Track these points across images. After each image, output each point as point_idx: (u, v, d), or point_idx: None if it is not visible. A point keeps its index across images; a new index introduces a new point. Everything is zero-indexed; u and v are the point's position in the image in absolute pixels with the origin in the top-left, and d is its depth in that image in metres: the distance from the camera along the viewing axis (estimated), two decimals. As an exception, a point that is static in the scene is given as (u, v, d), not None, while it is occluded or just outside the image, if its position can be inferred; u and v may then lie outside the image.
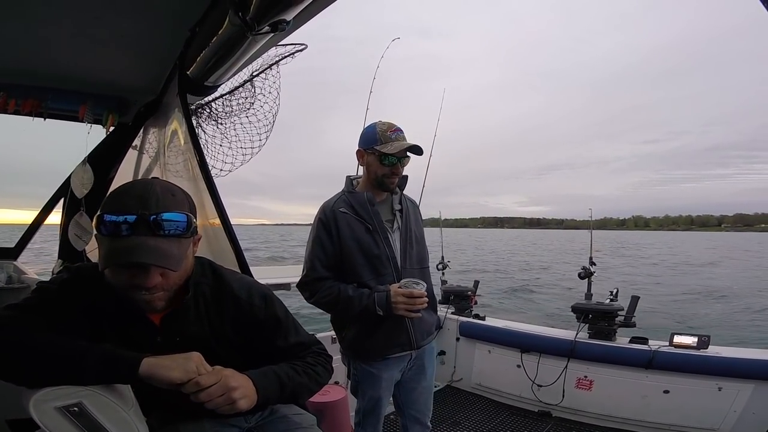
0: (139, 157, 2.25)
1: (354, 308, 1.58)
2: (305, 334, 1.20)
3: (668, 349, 2.71)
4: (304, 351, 1.16)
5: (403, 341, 1.67)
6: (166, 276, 0.95)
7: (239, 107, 2.20)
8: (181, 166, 1.87)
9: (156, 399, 1.07)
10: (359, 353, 1.71)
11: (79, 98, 1.92)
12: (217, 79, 1.48)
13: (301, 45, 1.97)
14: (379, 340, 1.64)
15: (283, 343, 1.13)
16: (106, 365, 0.87)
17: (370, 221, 1.64)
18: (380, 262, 1.63)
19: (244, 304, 1.09)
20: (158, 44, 1.53)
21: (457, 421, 2.93)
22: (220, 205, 1.41)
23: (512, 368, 3.19)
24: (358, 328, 1.67)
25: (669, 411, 2.63)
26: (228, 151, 2.23)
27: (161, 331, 1.02)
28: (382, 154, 1.60)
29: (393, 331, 1.65)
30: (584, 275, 3.46)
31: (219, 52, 1.23)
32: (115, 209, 0.89)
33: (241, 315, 1.09)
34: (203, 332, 1.05)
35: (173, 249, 0.92)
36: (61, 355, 0.85)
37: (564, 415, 2.96)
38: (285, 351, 1.13)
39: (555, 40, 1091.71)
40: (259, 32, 1.03)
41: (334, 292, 1.60)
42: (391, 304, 1.55)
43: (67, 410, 0.80)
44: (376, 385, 1.69)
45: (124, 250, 0.88)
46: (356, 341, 1.69)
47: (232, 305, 1.08)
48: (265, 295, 1.14)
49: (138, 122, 2.09)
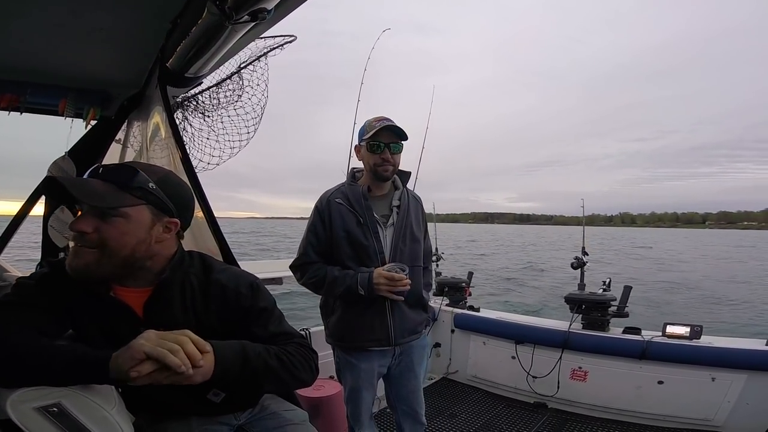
0: (123, 151, 2.20)
1: (338, 287, 1.63)
2: (289, 327, 1.17)
3: (661, 340, 2.72)
4: (285, 341, 1.11)
5: (380, 336, 1.69)
6: (100, 231, 0.92)
7: (226, 100, 2.15)
8: (165, 160, 1.82)
9: (144, 398, 1.07)
10: (340, 341, 1.74)
11: (59, 92, 1.86)
12: (198, 70, 1.43)
13: (290, 36, 1.92)
14: (358, 330, 1.68)
15: (264, 332, 1.09)
16: (75, 367, 0.84)
17: (362, 214, 1.67)
18: (367, 255, 1.66)
19: (230, 292, 1.06)
20: (140, 37, 1.49)
21: (454, 413, 2.93)
22: (203, 198, 1.38)
23: (507, 360, 3.19)
24: (340, 315, 1.71)
25: (663, 402, 2.64)
26: (215, 144, 2.18)
27: (144, 321, 0.98)
28: (369, 143, 1.65)
29: (373, 325, 1.68)
30: (577, 265, 3.45)
31: (198, 42, 1.19)
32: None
33: (227, 303, 1.06)
34: (188, 322, 1.02)
35: (106, 191, 0.92)
36: (32, 356, 0.83)
37: (559, 406, 2.96)
38: (265, 341, 1.08)
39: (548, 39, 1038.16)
40: (239, 21, 0.99)
41: (320, 273, 1.65)
42: (373, 285, 1.59)
43: (47, 410, 0.79)
44: (355, 375, 1.72)
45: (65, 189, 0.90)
46: (337, 328, 1.73)
47: (219, 294, 1.06)
48: (252, 284, 1.11)
49: (121, 116, 2.04)
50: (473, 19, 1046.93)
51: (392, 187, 1.80)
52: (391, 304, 1.67)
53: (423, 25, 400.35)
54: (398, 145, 1.67)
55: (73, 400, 0.82)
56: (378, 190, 1.74)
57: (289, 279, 2.95)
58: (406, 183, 1.83)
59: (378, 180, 1.71)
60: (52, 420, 0.79)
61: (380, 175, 1.68)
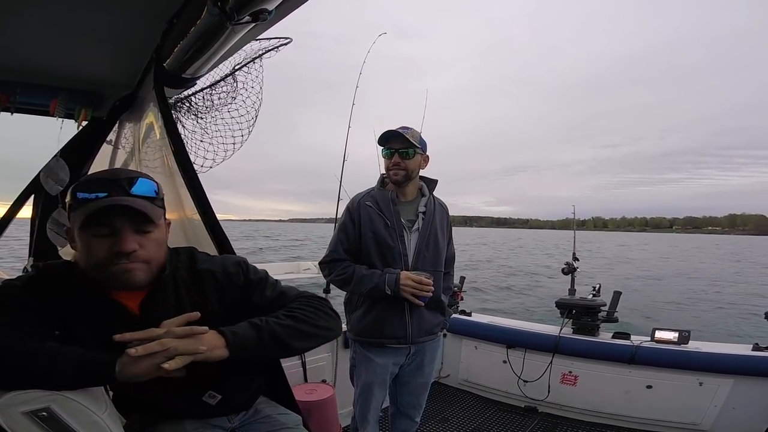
0: (114, 152, 2.17)
1: (365, 285, 1.73)
2: (287, 288, 1.17)
3: (650, 345, 2.75)
4: (287, 302, 1.12)
5: (399, 334, 1.77)
6: (144, 246, 0.95)
7: (220, 101, 2.13)
8: (158, 161, 1.80)
9: (135, 400, 1.06)
10: (360, 335, 1.82)
11: (50, 92, 1.83)
12: (196, 71, 1.42)
13: (285, 39, 1.92)
14: (379, 327, 1.77)
15: (263, 300, 1.11)
16: (80, 369, 0.84)
17: (389, 218, 1.78)
18: (392, 256, 1.76)
19: (220, 275, 1.08)
20: (134, 37, 1.47)
21: (446, 417, 2.93)
22: (202, 199, 1.36)
23: (498, 364, 3.20)
24: (363, 312, 1.81)
25: (652, 406, 2.67)
26: (209, 146, 2.16)
27: (141, 319, 0.98)
28: (383, 150, 1.82)
29: (393, 323, 1.77)
30: (567, 271, 3.48)
31: (197, 43, 1.18)
32: (87, 188, 0.92)
33: (221, 286, 1.08)
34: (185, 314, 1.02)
35: (147, 205, 0.94)
36: (30, 358, 0.82)
37: (550, 410, 2.98)
38: (268, 307, 1.09)
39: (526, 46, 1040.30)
40: (239, 22, 0.98)
41: (349, 270, 1.76)
42: (399, 286, 1.68)
43: (36, 415, 0.77)
44: (370, 370, 1.80)
45: (102, 209, 0.89)
46: (360, 324, 1.81)
47: (211, 280, 1.07)
48: (240, 262, 1.14)
49: (113, 116, 2.01)
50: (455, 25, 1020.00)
51: (419, 193, 1.90)
52: (410, 305, 1.75)
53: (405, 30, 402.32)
54: (407, 151, 1.76)
55: (62, 404, 0.81)
56: (403, 195, 1.85)
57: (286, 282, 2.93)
58: (433, 190, 1.92)
59: (393, 184, 1.82)
60: (41, 425, 0.78)
61: (392, 179, 1.81)
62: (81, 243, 0.92)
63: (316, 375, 2.75)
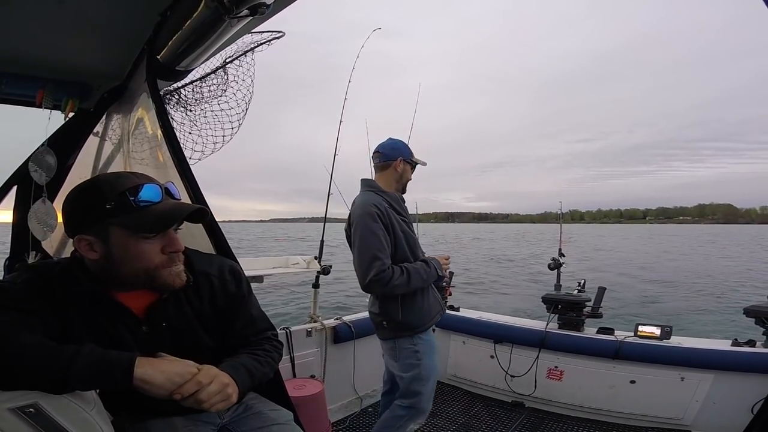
0: (101, 144, 2.12)
1: (428, 277, 1.97)
2: (264, 316, 1.26)
3: (633, 340, 2.80)
4: (261, 333, 1.20)
5: (437, 308, 2.11)
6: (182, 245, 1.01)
7: (210, 94, 2.10)
8: (147, 153, 1.77)
9: (125, 397, 1.05)
10: (419, 326, 1.98)
11: (37, 83, 1.78)
12: (190, 63, 1.40)
13: (278, 32, 1.90)
14: (428, 311, 2.03)
15: (247, 315, 1.18)
16: (98, 370, 0.83)
17: (406, 216, 2.06)
18: (417, 248, 2.05)
19: (215, 280, 1.11)
20: (125, 28, 1.44)
21: (434, 412, 2.95)
22: (197, 193, 1.34)
23: (486, 359, 3.23)
24: (413, 305, 1.97)
25: (636, 401, 2.72)
26: (198, 138, 2.13)
27: (145, 321, 1.00)
28: (415, 163, 2.15)
29: (432, 303, 2.06)
30: (554, 266, 3.53)
31: (193, 35, 1.16)
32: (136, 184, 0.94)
33: (215, 291, 1.11)
34: (186, 316, 1.06)
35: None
36: (46, 358, 0.80)
37: (537, 405, 3.03)
38: (245, 327, 1.17)
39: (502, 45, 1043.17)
40: (237, 15, 0.97)
41: (403, 273, 1.88)
42: (441, 268, 2.05)
43: (23, 411, 0.76)
44: (432, 352, 2.04)
45: (173, 212, 0.96)
46: (414, 317, 1.97)
47: (206, 283, 1.10)
48: (235, 270, 1.18)
49: (100, 108, 1.97)
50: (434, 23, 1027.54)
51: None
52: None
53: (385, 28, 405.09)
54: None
55: (50, 401, 0.79)
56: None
57: (270, 278, 2.93)
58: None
59: (402, 191, 2.15)
60: (28, 421, 0.76)
61: (405, 188, 2.16)
62: (130, 246, 0.93)
63: (304, 370, 2.75)
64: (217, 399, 0.92)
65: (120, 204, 0.92)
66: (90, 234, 0.93)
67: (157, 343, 1.00)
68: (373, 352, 3.24)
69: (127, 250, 0.93)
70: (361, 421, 2.83)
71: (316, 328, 2.91)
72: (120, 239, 0.93)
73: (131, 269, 0.95)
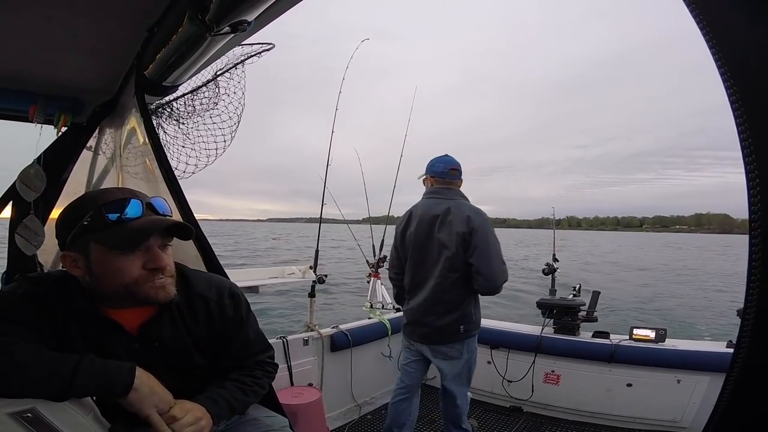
0: (94, 158, 2.14)
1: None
2: (261, 337, 1.25)
3: (629, 343, 2.80)
4: (255, 356, 1.21)
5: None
6: (169, 262, 1.01)
7: (202, 107, 2.12)
8: (140, 167, 1.79)
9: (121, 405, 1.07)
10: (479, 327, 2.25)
11: (29, 98, 1.81)
12: (176, 79, 1.42)
13: (268, 45, 1.92)
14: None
15: (244, 338, 1.18)
16: (99, 382, 0.86)
17: None
18: None
19: (213, 304, 1.10)
20: (114, 44, 1.46)
21: (433, 419, 2.95)
22: (185, 206, 1.35)
23: (483, 364, 3.22)
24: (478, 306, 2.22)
25: (632, 404, 2.72)
26: (191, 151, 2.15)
27: (138, 338, 1.01)
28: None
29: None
30: (548, 271, 3.54)
31: (177, 52, 1.18)
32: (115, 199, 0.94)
33: (212, 315, 1.10)
34: (180, 336, 1.05)
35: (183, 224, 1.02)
36: (49, 368, 0.82)
37: (534, 410, 3.02)
38: (239, 350, 1.17)
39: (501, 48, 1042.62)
40: (219, 33, 0.99)
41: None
42: None
43: (21, 416, 0.77)
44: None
45: (151, 224, 0.95)
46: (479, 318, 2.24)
47: (203, 306, 1.09)
48: (234, 294, 1.16)
49: (93, 123, 1.98)
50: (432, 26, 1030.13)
51: None
52: None
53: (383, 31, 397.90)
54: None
55: (48, 406, 0.81)
56: None
57: (265, 288, 2.94)
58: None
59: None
60: (26, 426, 0.77)
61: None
62: (108, 262, 0.92)
63: (302, 378, 2.75)
64: (189, 430, 0.94)
65: (96, 220, 0.92)
66: (73, 250, 0.94)
67: (150, 361, 1.00)
68: (371, 360, 3.25)
69: (105, 267, 0.93)
70: (360, 428, 2.83)
71: (313, 336, 2.91)
72: (98, 256, 0.93)
73: (111, 285, 0.94)
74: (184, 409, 0.95)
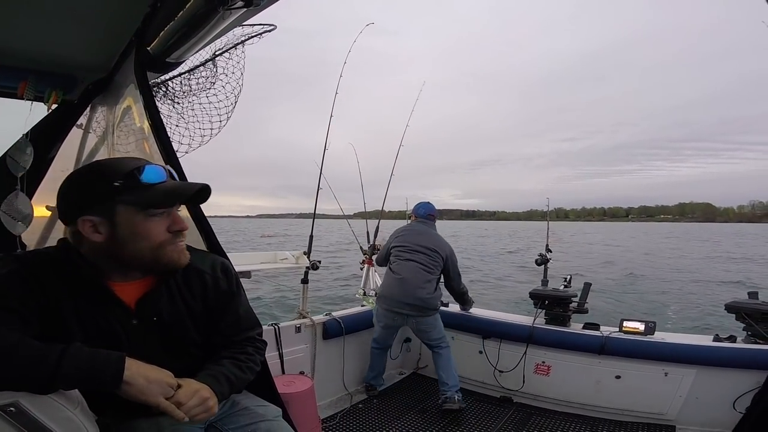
0: (84, 136, 2.07)
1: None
2: (251, 314, 1.26)
3: (618, 335, 2.82)
4: (245, 332, 1.21)
5: None
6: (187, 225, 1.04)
7: (198, 87, 2.07)
8: (132, 146, 1.73)
9: (109, 396, 1.04)
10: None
11: (19, 74, 1.73)
12: (181, 55, 1.36)
13: (270, 26, 1.87)
14: None
15: (235, 314, 1.19)
16: (87, 373, 0.82)
17: None
18: None
19: (208, 277, 1.12)
20: (112, 20, 1.40)
21: (424, 408, 2.96)
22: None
23: (475, 354, 3.25)
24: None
25: (621, 396, 2.76)
26: (185, 131, 2.10)
27: (136, 313, 1.00)
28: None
29: None
30: (541, 262, 3.56)
31: (185, 26, 1.13)
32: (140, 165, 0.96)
33: (207, 288, 1.11)
34: (178, 311, 1.06)
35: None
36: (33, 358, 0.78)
37: (524, 400, 3.05)
38: (230, 325, 1.18)
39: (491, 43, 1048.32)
40: (232, 6, 0.95)
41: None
42: None
43: (4, 410, 0.74)
44: None
45: (181, 188, 1.00)
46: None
47: (198, 279, 1.10)
48: (226, 268, 1.19)
49: (85, 100, 1.91)
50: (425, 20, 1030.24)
51: None
52: None
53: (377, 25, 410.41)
54: None
55: (32, 399, 0.77)
56: None
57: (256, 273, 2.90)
58: None
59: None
60: (9, 420, 0.74)
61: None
62: (138, 224, 0.94)
63: (294, 367, 2.73)
64: (197, 411, 0.94)
65: (129, 182, 0.92)
66: (94, 214, 0.92)
67: (147, 337, 1.01)
68: (363, 348, 3.24)
69: (134, 228, 0.94)
70: (351, 416, 2.83)
71: (305, 324, 2.89)
72: (127, 217, 0.93)
73: (136, 248, 0.95)
74: (191, 390, 0.95)
